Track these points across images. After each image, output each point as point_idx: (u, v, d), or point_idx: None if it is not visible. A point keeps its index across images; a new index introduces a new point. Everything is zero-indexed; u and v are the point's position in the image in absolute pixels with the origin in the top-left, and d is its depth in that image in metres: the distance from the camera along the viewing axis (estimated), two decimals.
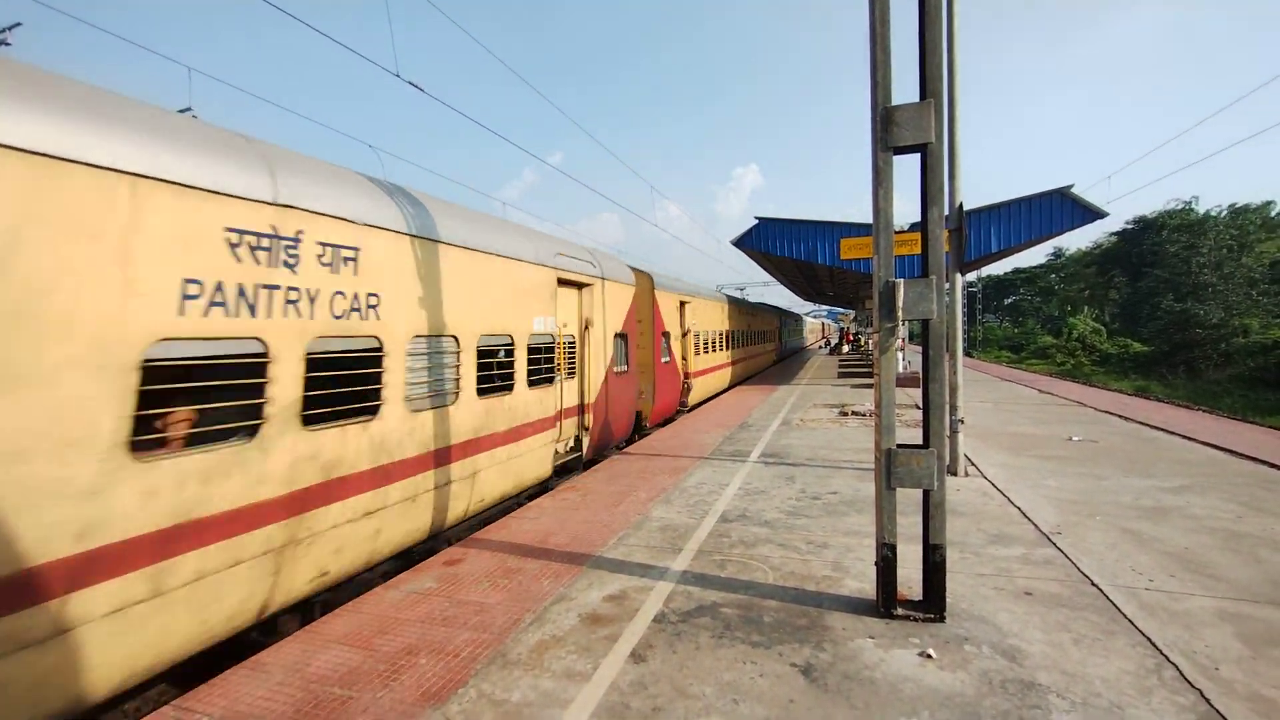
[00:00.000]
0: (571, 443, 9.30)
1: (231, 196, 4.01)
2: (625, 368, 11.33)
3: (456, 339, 6.32)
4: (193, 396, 3.86)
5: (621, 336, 11.16)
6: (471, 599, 4.69)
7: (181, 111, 7.23)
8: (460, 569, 5.30)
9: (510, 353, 7.43)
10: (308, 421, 4.51)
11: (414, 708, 3.32)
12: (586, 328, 9.59)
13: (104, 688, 3.29)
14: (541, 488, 8.29)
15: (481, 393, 6.74)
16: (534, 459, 7.90)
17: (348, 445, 4.88)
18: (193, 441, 3.83)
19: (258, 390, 4.17)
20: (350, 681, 3.60)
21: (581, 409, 9.51)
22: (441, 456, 6.03)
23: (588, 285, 9.66)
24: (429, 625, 4.28)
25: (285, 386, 4.34)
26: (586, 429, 9.59)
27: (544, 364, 8.22)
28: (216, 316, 3.89)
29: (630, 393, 11.68)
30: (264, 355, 4.20)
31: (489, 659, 3.80)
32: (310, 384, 4.53)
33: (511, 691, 3.45)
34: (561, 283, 8.74)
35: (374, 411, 5.15)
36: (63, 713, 3.10)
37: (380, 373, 5.22)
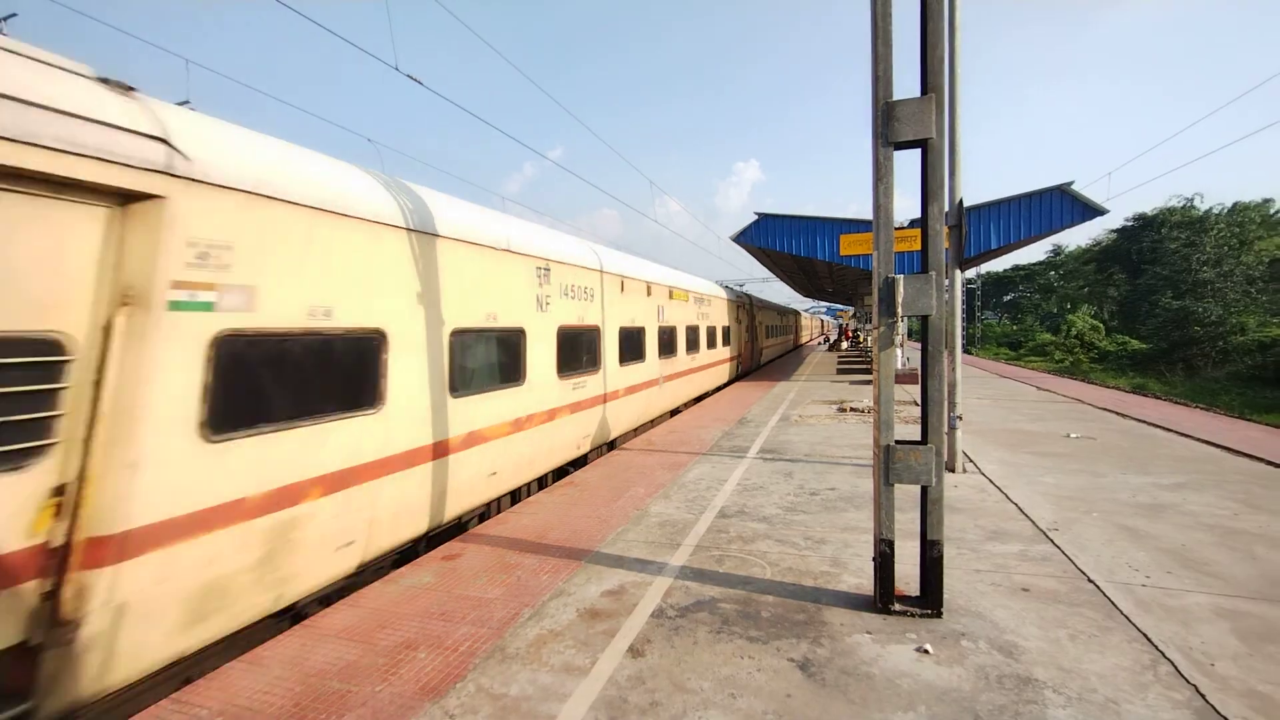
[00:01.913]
0: (730, 372, 21.41)
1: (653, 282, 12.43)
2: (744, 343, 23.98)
3: (710, 327, 17.83)
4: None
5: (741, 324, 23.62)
6: (470, 594, 4.70)
7: (179, 105, 7.19)
8: (459, 564, 5.31)
9: (715, 330, 18.65)
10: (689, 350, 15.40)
11: (413, 701, 3.33)
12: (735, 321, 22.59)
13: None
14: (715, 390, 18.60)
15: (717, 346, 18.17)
16: (725, 371, 20.26)
17: (697, 358, 16.35)
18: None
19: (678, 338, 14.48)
20: (349, 676, 3.60)
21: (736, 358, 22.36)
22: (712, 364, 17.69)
23: (726, 301, 21.00)
24: (427, 619, 4.29)
25: (681, 340, 14.53)
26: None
27: (721, 337, 19.33)
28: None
29: (746, 352, 24.79)
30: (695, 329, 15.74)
31: (487, 653, 3.81)
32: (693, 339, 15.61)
33: (510, 685, 3.46)
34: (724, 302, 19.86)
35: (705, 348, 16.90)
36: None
37: (698, 333, 16.28)
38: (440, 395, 5.86)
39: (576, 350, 8.94)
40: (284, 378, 4.33)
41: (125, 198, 3.45)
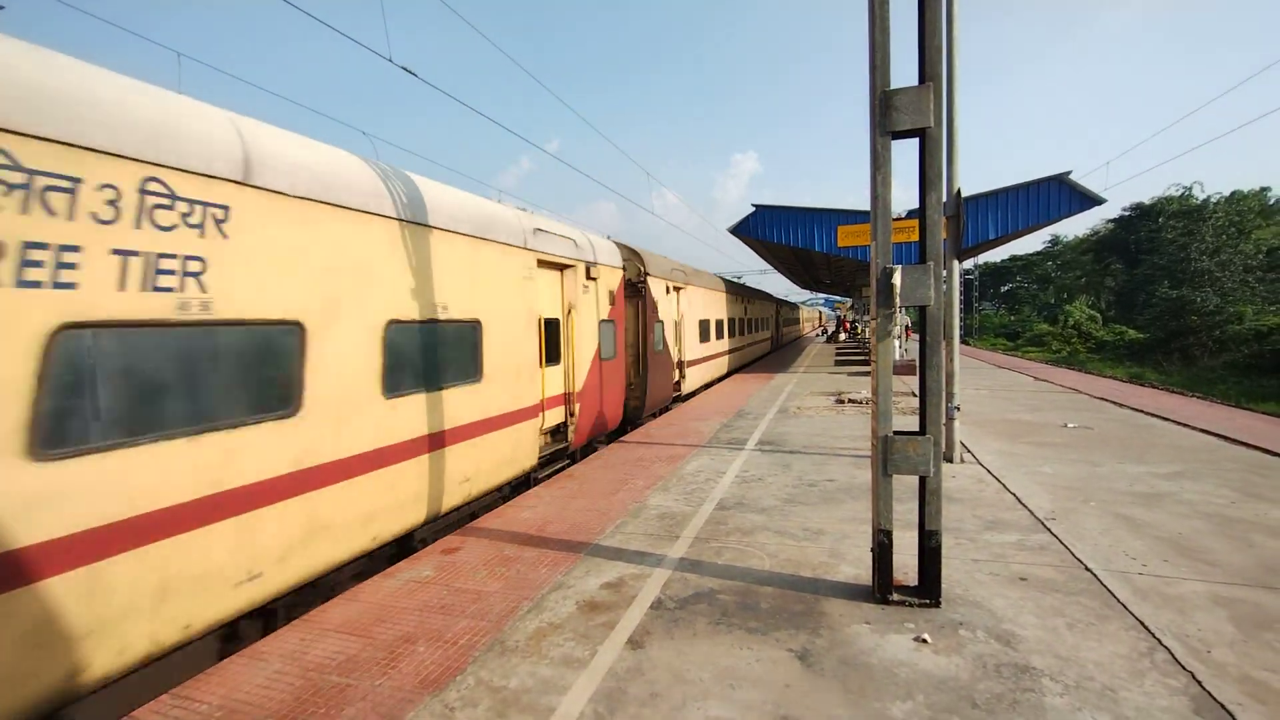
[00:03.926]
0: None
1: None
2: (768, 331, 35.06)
3: (765, 317, 34.10)
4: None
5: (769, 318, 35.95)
6: (469, 587, 4.70)
7: None
8: (458, 557, 5.32)
9: (768, 319, 36.02)
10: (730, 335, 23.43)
11: (412, 695, 3.34)
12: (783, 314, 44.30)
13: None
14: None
15: (734, 335, 23.83)
16: (769, 344, 35.50)
17: (758, 335, 31.19)
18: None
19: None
20: (349, 669, 3.61)
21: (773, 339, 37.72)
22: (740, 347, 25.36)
23: (769, 303, 37.52)
24: (427, 613, 4.29)
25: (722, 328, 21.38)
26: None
27: (766, 324, 34.60)
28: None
29: (775, 334, 39.26)
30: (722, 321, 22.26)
31: (487, 646, 3.82)
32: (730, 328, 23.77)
33: (509, 678, 3.46)
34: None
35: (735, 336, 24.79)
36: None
37: (723, 324, 22.21)
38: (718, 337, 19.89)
39: (735, 328, 22.92)
40: (707, 331, 18.79)
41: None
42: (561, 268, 8.94)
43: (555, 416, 8.82)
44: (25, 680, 3.04)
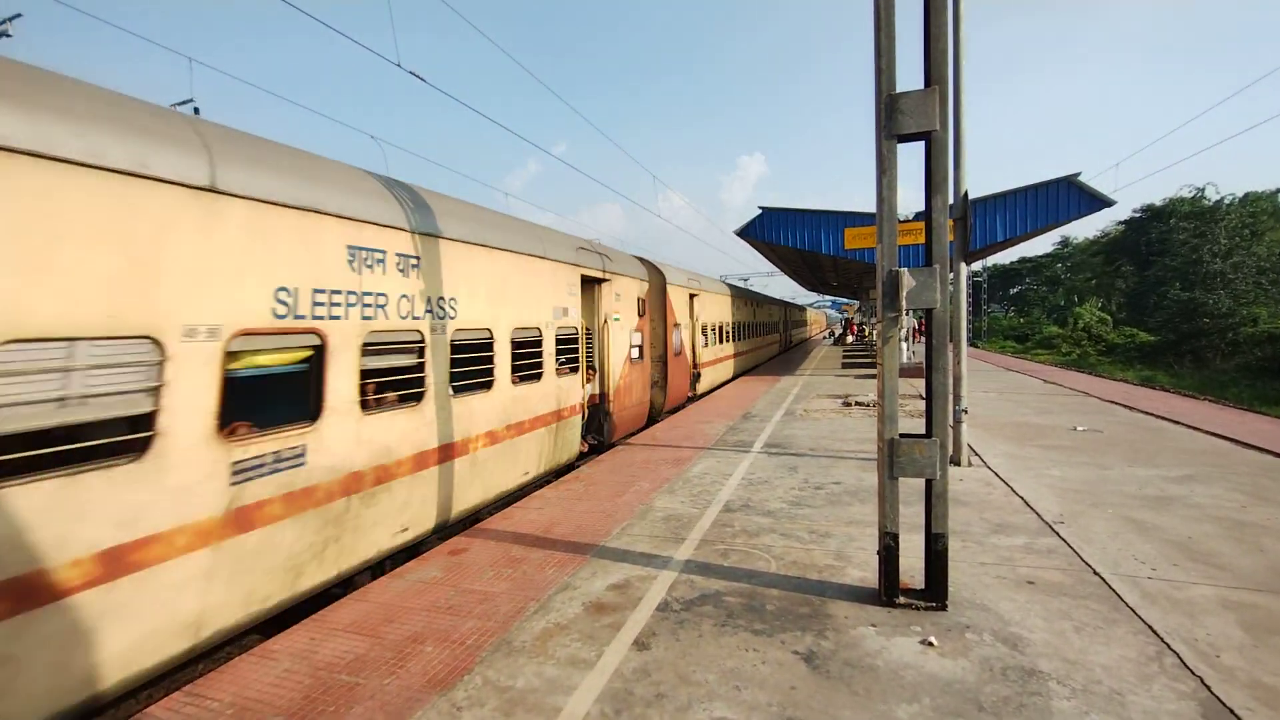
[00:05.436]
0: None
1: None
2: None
3: (806, 320, 67.87)
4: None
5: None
6: (476, 588, 4.73)
7: (182, 104, 7.26)
8: (465, 558, 5.35)
9: (806, 323, 69.35)
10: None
11: (420, 694, 3.37)
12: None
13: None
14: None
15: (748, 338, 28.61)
16: (809, 334, 73.15)
17: (808, 329, 68.77)
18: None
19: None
20: (357, 668, 3.65)
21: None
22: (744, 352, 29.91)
23: (806, 309, 71.30)
24: (435, 614, 4.33)
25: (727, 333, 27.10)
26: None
27: (804, 325, 64.58)
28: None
29: (816, 332, 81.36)
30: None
31: (494, 646, 3.84)
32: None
33: (516, 678, 3.49)
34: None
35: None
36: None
37: (804, 324, 63.60)
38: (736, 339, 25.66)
39: (791, 327, 46.11)
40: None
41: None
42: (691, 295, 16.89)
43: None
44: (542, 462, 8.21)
